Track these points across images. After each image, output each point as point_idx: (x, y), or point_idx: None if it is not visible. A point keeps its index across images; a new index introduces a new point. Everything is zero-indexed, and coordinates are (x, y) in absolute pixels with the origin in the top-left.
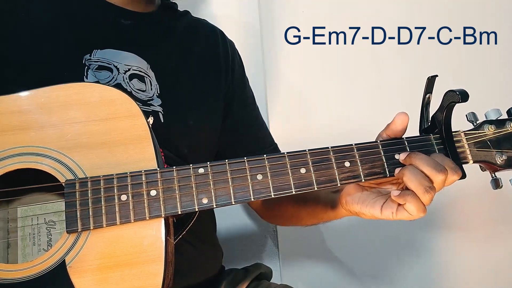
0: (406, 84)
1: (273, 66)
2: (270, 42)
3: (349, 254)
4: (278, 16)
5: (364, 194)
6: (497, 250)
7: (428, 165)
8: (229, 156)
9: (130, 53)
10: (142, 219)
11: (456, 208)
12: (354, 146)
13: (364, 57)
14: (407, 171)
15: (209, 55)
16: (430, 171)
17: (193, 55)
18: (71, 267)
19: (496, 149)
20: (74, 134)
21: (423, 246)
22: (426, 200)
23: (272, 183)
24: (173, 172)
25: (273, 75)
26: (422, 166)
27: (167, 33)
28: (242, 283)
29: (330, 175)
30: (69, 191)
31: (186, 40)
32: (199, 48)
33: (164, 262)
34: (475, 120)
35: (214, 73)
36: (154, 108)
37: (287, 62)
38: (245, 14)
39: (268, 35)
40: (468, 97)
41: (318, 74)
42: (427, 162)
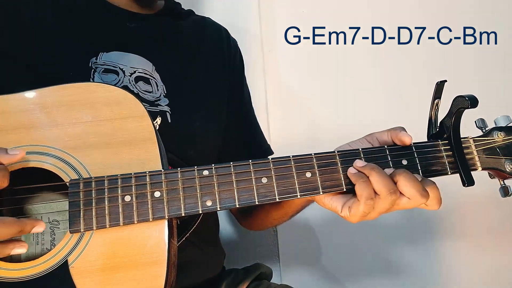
0: (406, 84)
1: (273, 66)
2: (270, 42)
3: (349, 255)
4: (278, 16)
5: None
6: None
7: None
8: (221, 154)
9: (136, 55)
10: (146, 220)
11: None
12: (361, 150)
13: (364, 57)
14: (374, 171)
15: (214, 55)
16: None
17: (199, 55)
18: (74, 267)
19: (506, 156)
20: (80, 134)
21: (425, 249)
22: (387, 203)
23: (277, 186)
24: (177, 173)
25: (273, 75)
26: (406, 188)
27: (172, 34)
28: (243, 283)
29: (336, 180)
30: (73, 190)
31: (191, 40)
32: (204, 48)
33: (166, 264)
34: (484, 127)
35: (219, 73)
36: (162, 108)
37: (287, 62)
38: (245, 14)
39: (268, 35)
40: (478, 103)
41: (318, 74)
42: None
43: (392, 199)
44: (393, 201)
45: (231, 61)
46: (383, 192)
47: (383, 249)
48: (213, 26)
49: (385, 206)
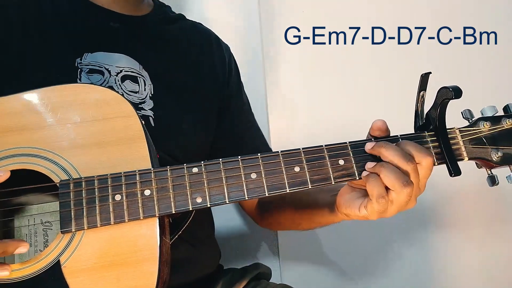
0: (406, 84)
1: (273, 66)
2: (270, 42)
3: (349, 254)
4: (278, 16)
5: (352, 195)
6: (494, 248)
7: (396, 155)
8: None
9: (121, 55)
10: (136, 219)
11: (453, 206)
12: (348, 144)
13: (364, 57)
14: (383, 167)
15: (204, 60)
16: (398, 161)
17: (187, 59)
18: (66, 267)
19: (492, 146)
20: (69, 134)
21: (422, 246)
22: (404, 195)
23: (266, 181)
24: (167, 171)
25: (273, 75)
26: (389, 156)
27: (158, 37)
28: (240, 282)
29: (324, 174)
30: (63, 191)
31: (179, 45)
32: (194, 52)
33: (158, 262)
34: (470, 117)
35: (208, 79)
36: (145, 112)
37: (287, 62)
38: (245, 14)
39: (268, 35)
40: (461, 94)
41: (318, 74)
42: (394, 152)
43: (408, 191)
44: (409, 193)
45: (224, 68)
46: (396, 186)
47: (382, 248)
48: (203, 33)
49: (403, 199)
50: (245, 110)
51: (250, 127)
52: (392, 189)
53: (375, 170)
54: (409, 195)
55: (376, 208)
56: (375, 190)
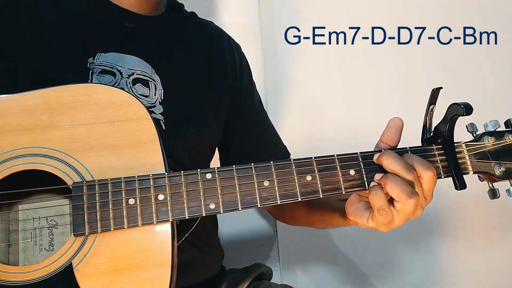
0: (406, 84)
1: (273, 66)
2: (270, 42)
3: (349, 255)
4: (278, 16)
5: (360, 204)
6: (495, 255)
7: (397, 164)
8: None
9: (135, 57)
10: (150, 223)
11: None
12: (359, 154)
13: (364, 57)
14: (388, 179)
15: (215, 62)
16: (399, 170)
17: (199, 61)
18: (78, 270)
19: (495, 160)
20: (82, 135)
21: (423, 249)
22: (410, 206)
23: (279, 189)
24: (180, 177)
25: (273, 75)
26: (389, 165)
27: (173, 38)
28: (243, 283)
29: (336, 183)
30: (76, 194)
31: (193, 46)
32: (205, 54)
33: (171, 266)
34: (474, 131)
35: (219, 80)
36: (156, 116)
37: (287, 62)
38: (245, 14)
39: (268, 35)
40: (472, 111)
41: (318, 74)
42: (395, 161)
43: (413, 202)
44: (415, 203)
45: (235, 69)
46: (402, 198)
47: (382, 249)
48: (215, 32)
49: (409, 209)
50: (259, 112)
51: (265, 127)
52: (398, 200)
53: (382, 181)
54: (415, 205)
55: (379, 219)
56: (377, 203)
